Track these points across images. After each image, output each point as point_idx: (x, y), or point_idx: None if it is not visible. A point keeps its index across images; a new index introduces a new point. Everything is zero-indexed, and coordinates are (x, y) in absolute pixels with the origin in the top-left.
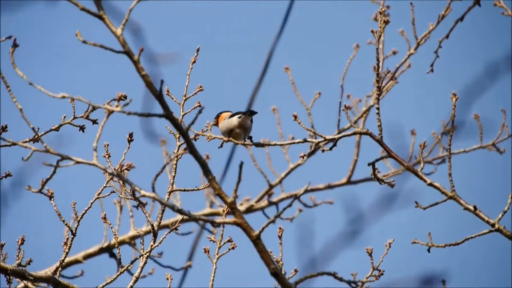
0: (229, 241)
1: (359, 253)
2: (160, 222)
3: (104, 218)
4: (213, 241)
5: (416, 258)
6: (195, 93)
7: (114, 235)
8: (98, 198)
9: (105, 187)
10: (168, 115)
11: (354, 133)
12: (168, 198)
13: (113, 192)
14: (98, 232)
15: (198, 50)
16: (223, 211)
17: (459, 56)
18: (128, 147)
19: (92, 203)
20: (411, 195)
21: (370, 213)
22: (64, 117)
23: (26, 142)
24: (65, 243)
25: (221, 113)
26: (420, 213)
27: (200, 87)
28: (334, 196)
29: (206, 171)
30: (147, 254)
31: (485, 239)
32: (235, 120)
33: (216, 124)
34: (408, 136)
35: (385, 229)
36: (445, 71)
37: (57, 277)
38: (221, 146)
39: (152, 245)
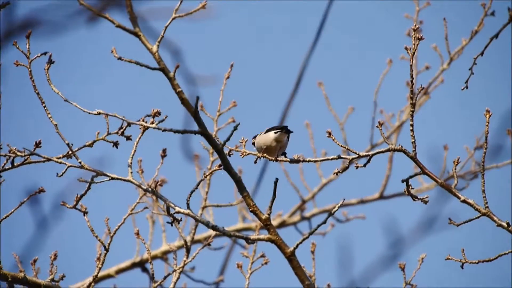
0: (262, 256)
1: (399, 276)
2: (193, 238)
3: (137, 234)
4: (246, 257)
5: (460, 276)
6: (228, 109)
7: (147, 250)
8: (131, 214)
9: (138, 202)
10: (203, 131)
11: (388, 150)
12: (201, 214)
13: (146, 208)
14: (130, 246)
15: (231, 66)
16: (256, 226)
17: (494, 72)
18: (161, 163)
19: (125, 218)
20: (449, 217)
21: (411, 237)
22: (98, 133)
23: (60, 158)
24: (98, 259)
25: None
26: (457, 230)
27: (234, 102)
28: (368, 211)
29: (241, 188)
30: (180, 269)
31: None
32: (271, 134)
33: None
34: (441, 151)
35: (425, 249)
36: (480, 87)
37: None
38: (256, 161)
39: (185, 261)
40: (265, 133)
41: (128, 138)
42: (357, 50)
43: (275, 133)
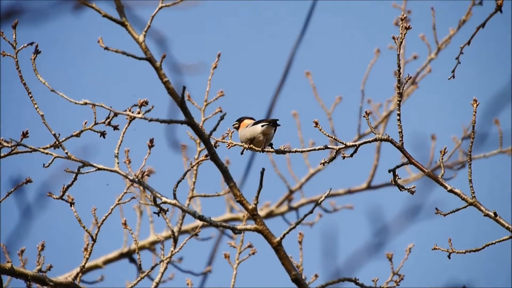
0: (249, 246)
1: (384, 264)
2: (180, 228)
3: (125, 224)
4: (234, 247)
5: (449, 267)
6: (216, 98)
7: (135, 241)
8: (118, 204)
9: (125, 193)
10: (190, 121)
11: (375, 140)
12: (188, 204)
13: (134, 198)
14: (118, 237)
15: (219, 55)
16: (243, 216)
17: (483, 62)
18: (149, 153)
19: (112, 209)
20: (435, 206)
21: (395, 225)
22: (85, 123)
23: (47, 148)
24: (85, 249)
25: (243, 118)
26: (444, 220)
27: (221, 92)
28: (355, 201)
29: (227, 178)
30: (168, 259)
31: (506, 245)
32: (258, 127)
33: (238, 128)
34: (428, 141)
35: (411, 238)
36: (467, 77)
37: (77, 283)
38: (242, 152)
39: (172, 251)
40: (252, 125)
41: (115, 128)
42: (345, 39)
43: (262, 126)
